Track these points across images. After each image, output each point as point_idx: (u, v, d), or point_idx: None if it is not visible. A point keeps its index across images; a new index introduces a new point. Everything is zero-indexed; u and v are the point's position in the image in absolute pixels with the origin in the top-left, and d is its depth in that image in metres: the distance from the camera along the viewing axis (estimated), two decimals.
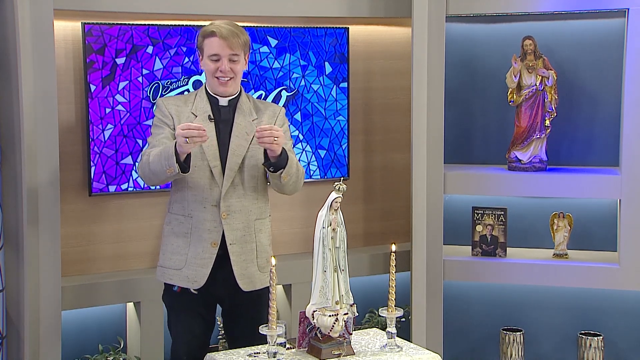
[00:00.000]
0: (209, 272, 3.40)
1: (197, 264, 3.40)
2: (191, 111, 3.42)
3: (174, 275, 3.44)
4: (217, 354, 3.20)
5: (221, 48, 3.34)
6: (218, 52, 3.35)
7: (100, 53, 4.09)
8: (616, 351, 4.55)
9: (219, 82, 3.40)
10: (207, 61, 3.39)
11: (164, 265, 3.48)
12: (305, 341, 3.15)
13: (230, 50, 3.35)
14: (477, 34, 4.69)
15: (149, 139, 3.46)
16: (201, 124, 3.28)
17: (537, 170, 4.48)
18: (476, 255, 4.56)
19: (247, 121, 3.44)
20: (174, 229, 3.44)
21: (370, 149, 4.87)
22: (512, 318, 4.67)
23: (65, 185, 4.04)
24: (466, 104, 4.75)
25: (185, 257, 3.41)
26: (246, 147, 3.42)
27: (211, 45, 3.36)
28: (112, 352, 4.15)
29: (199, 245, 3.40)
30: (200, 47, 3.41)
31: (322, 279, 3.07)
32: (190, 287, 3.42)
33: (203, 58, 3.41)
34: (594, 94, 4.56)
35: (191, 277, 3.41)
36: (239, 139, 3.41)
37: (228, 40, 3.34)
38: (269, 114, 3.52)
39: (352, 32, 4.69)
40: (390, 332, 3.20)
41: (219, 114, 3.43)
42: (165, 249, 3.48)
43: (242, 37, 3.39)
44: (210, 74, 3.40)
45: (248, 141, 3.42)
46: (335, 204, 3.06)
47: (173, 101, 3.47)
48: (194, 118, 3.38)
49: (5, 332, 3.70)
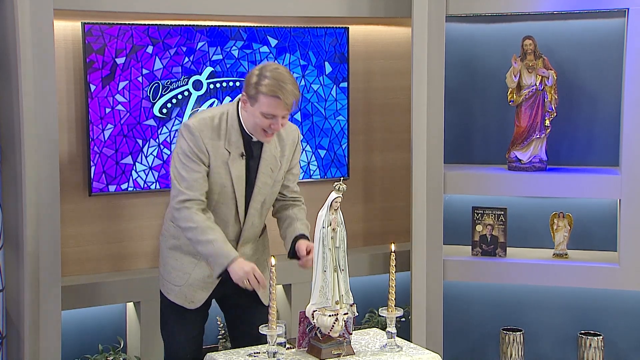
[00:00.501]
0: (207, 295, 3.41)
1: (199, 286, 3.39)
2: (225, 147, 3.29)
3: (171, 290, 3.43)
4: (217, 354, 3.20)
5: (279, 109, 3.20)
6: (276, 114, 3.21)
7: (100, 53, 4.09)
8: (616, 351, 4.55)
9: (265, 134, 3.28)
10: (257, 114, 3.21)
11: (164, 277, 3.47)
12: (305, 341, 3.15)
13: (287, 111, 3.24)
14: (477, 34, 4.68)
15: (182, 171, 3.26)
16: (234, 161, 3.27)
17: (537, 170, 4.48)
18: (476, 255, 4.56)
19: (272, 156, 3.38)
20: (183, 247, 3.39)
21: (370, 149, 4.87)
22: (512, 318, 4.66)
23: (65, 185, 4.04)
24: (466, 103, 4.75)
25: (188, 277, 3.39)
26: (270, 184, 3.40)
27: (270, 105, 3.19)
28: (112, 352, 4.15)
29: (205, 270, 3.37)
30: (252, 96, 3.21)
31: (322, 279, 3.07)
32: (185, 306, 3.40)
33: (252, 107, 3.22)
34: (594, 94, 4.56)
35: (189, 297, 3.40)
36: (265, 177, 3.37)
37: (287, 102, 3.20)
38: (290, 143, 3.44)
39: (352, 32, 4.69)
40: (390, 332, 3.20)
41: (250, 150, 3.34)
42: (167, 261, 3.45)
43: (297, 94, 3.23)
44: (259, 124, 3.24)
45: (272, 178, 3.39)
46: (335, 203, 3.06)
47: (208, 133, 3.27)
48: (227, 155, 3.29)
49: (5, 332, 3.70)
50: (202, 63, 4.33)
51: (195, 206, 3.24)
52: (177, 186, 3.26)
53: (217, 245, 3.21)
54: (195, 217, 3.23)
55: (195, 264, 3.38)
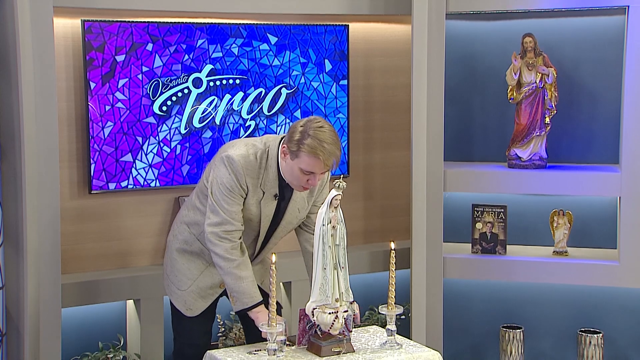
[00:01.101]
0: (207, 305, 3.44)
1: (200, 295, 3.43)
2: (260, 187, 3.30)
3: (173, 292, 3.47)
4: (217, 351, 3.20)
5: (319, 168, 3.20)
6: (315, 172, 3.21)
7: (100, 50, 4.09)
8: (616, 348, 4.55)
9: (302, 188, 3.29)
10: (296, 168, 3.21)
11: (169, 277, 3.50)
12: (305, 338, 3.15)
13: (325, 169, 3.24)
14: (477, 32, 4.68)
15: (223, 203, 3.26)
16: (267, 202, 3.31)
17: (537, 167, 4.48)
18: (476, 252, 4.56)
19: (302, 198, 3.41)
20: (192, 253, 3.43)
21: (370, 147, 4.86)
22: (512, 315, 4.67)
23: (65, 182, 4.04)
24: (466, 101, 4.75)
25: (191, 283, 3.43)
26: (295, 223, 3.44)
27: (309, 164, 3.18)
28: (112, 349, 4.15)
29: (209, 280, 3.42)
30: (294, 151, 3.20)
31: (322, 277, 3.07)
32: (184, 312, 3.44)
33: (292, 160, 3.21)
34: (594, 92, 4.56)
35: (188, 304, 3.43)
36: (291, 217, 3.41)
37: (328, 163, 3.19)
38: (319, 183, 3.42)
39: (352, 29, 4.69)
40: (390, 329, 3.20)
41: (282, 193, 3.36)
42: (174, 264, 3.47)
43: (337, 155, 3.22)
44: (297, 180, 3.24)
45: (298, 218, 3.43)
46: (335, 201, 3.07)
47: (250, 172, 3.28)
48: (261, 195, 3.31)
49: (6, 330, 3.71)
50: (202, 60, 4.32)
51: (237, 239, 3.28)
52: (221, 214, 3.26)
53: (246, 284, 3.26)
54: (236, 252, 3.28)
55: (202, 272, 3.42)
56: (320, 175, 3.25)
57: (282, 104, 4.53)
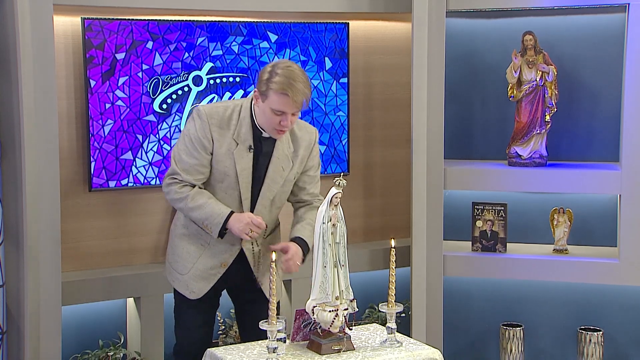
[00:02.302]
0: (210, 287, 3.45)
1: (201, 277, 3.43)
2: (233, 137, 3.33)
3: (176, 278, 3.49)
4: (217, 349, 3.21)
5: (289, 107, 3.23)
6: (285, 111, 3.24)
7: (100, 48, 4.09)
8: (616, 346, 4.55)
9: (276, 131, 3.31)
10: (268, 110, 3.25)
11: (171, 265, 3.52)
12: (299, 336, 3.16)
13: (297, 109, 3.26)
14: (478, 29, 4.68)
15: (182, 154, 3.33)
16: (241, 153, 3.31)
17: (537, 165, 4.48)
18: (476, 250, 4.57)
19: (285, 155, 3.40)
20: (190, 236, 3.45)
21: (371, 145, 4.86)
22: (512, 313, 4.67)
23: (65, 180, 4.04)
24: (466, 99, 4.75)
25: (192, 266, 3.44)
26: (280, 183, 3.42)
27: (279, 102, 3.22)
28: (112, 347, 4.15)
29: (209, 261, 3.43)
30: (263, 93, 3.26)
31: (322, 275, 3.07)
32: (187, 296, 3.45)
33: (263, 103, 3.26)
34: (594, 89, 4.56)
35: (190, 287, 3.45)
36: (275, 174, 3.40)
37: (297, 100, 3.22)
38: (305, 144, 3.45)
39: (352, 27, 4.69)
40: (390, 327, 3.20)
41: (259, 145, 3.36)
42: (175, 250, 3.50)
43: (307, 93, 3.26)
44: (270, 122, 3.27)
45: (283, 177, 3.42)
46: (335, 199, 3.07)
47: (217, 120, 3.33)
48: (234, 145, 3.32)
49: (6, 328, 3.71)
50: (202, 58, 4.32)
51: (186, 183, 3.34)
52: (174, 166, 3.36)
53: (209, 207, 3.31)
54: (185, 188, 3.34)
55: (200, 255, 3.43)
56: (293, 117, 3.27)
57: None
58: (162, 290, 4.21)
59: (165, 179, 3.40)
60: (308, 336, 3.16)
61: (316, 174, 3.55)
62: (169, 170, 3.38)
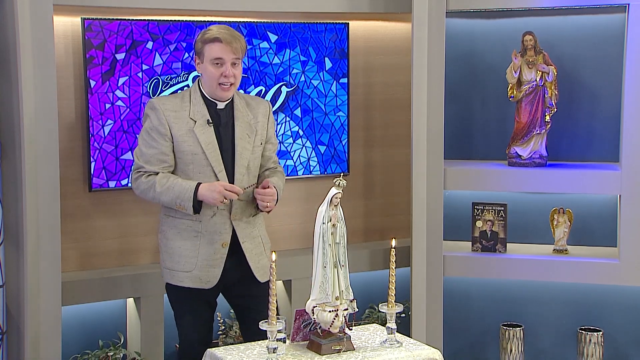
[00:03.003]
0: (220, 271, 3.47)
1: (208, 265, 3.46)
2: (189, 116, 3.42)
3: (184, 277, 3.48)
4: (217, 349, 3.21)
5: (225, 52, 3.37)
6: (222, 57, 3.37)
7: (100, 48, 4.09)
8: (616, 346, 4.55)
9: (222, 87, 3.41)
10: (208, 66, 3.40)
11: (172, 268, 3.50)
12: (299, 336, 3.15)
13: (233, 55, 3.39)
14: (478, 30, 4.68)
15: (142, 146, 3.43)
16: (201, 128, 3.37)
17: (537, 165, 4.48)
18: (476, 250, 4.57)
19: (246, 122, 3.50)
20: (181, 233, 3.47)
21: (370, 145, 4.86)
22: (512, 313, 4.67)
23: (65, 180, 4.04)
24: (466, 99, 4.75)
25: (196, 260, 3.46)
26: (250, 149, 3.49)
27: (213, 50, 3.38)
28: (112, 347, 4.15)
29: (209, 247, 3.45)
30: (199, 52, 3.42)
31: (322, 275, 3.07)
32: (202, 287, 3.47)
33: (203, 62, 3.42)
34: (594, 90, 4.56)
35: (203, 278, 3.46)
36: (243, 142, 3.47)
37: (231, 45, 3.36)
38: (262, 112, 3.58)
39: (352, 27, 4.69)
40: (390, 327, 3.20)
41: (217, 118, 3.46)
42: (172, 252, 3.49)
43: (241, 42, 3.43)
44: (213, 79, 3.40)
45: (251, 143, 3.49)
46: (335, 199, 3.07)
47: (170, 105, 3.44)
48: (193, 123, 3.40)
49: (6, 328, 3.71)
50: None
51: (150, 175, 3.42)
52: (136, 160, 3.45)
53: (177, 186, 3.36)
54: (149, 177, 3.40)
55: (198, 245, 3.45)
56: (234, 68, 3.38)
57: (282, 102, 4.53)
58: (162, 291, 4.18)
59: (131, 175, 3.48)
60: (308, 336, 3.16)
61: (276, 142, 3.69)
62: (133, 167, 3.48)
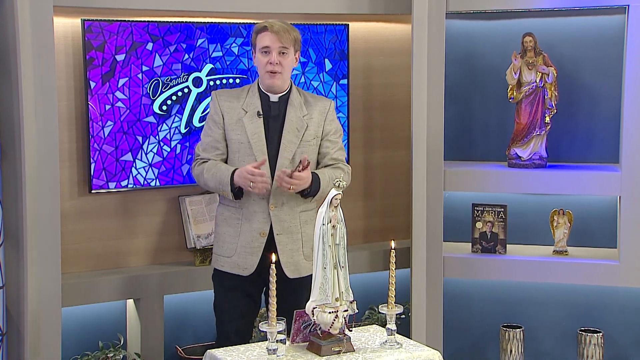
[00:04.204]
0: (258, 259, 3.58)
1: (246, 252, 3.58)
2: (242, 107, 3.59)
3: (225, 262, 3.63)
4: (217, 350, 3.20)
5: (271, 41, 3.54)
6: (268, 45, 3.52)
7: (100, 50, 4.09)
8: (616, 348, 4.55)
9: (269, 74, 3.54)
10: (258, 55, 3.58)
11: (217, 252, 3.68)
12: (299, 337, 3.15)
13: (280, 44, 3.53)
14: (477, 31, 4.68)
15: (202, 135, 3.69)
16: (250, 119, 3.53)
17: (537, 167, 4.48)
18: (476, 252, 4.57)
19: (297, 117, 3.61)
20: (226, 219, 3.64)
21: (370, 146, 4.86)
22: (512, 315, 4.67)
23: (65, 182, 4.04)
24: (466, 100, 4.75)
25: (235, 246, 3.60)
26: (297, 143, 3.58)
27: (262, 39, 3.56)
28: (112, 348, 4.15)
29: (248, 234, 3.58)
30: (253, 43, 3.62)
31: (322, 276, 3.07)
32: (240, 273, 3.59)
33: (255, 53, 3.60)
34: (594, 91, 4.56)
35: (241, 265, 3.59)
36: (290, 135, 3.58)
37: (279, 34, 3.52)
38: (319, 109, 3.67)
39: (352, 28, 4.69)
40: (390, 328, 3.20)
41: (269, 110, 3.59)
42: (218, 237, 3.68)
43: (292, 33, 3.57)
44: (262, 67, 3.57)
45: (299, 137, 3.59)
46: (335, 200, 3.07)
47: (226, 96, 3.65)
48: (244, 114, 3.57)
49: (6, 329, 3.71)
50: (202, 60, 4.33)
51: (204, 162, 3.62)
52: (196, 150, 3.69)
53: (219, 172, 3.54)
54: (203, 164, 3.62)
55: (239, 232, 3.60)
56: (281, 57, 3.53)
57: None
58: (162, 292, 4.21)
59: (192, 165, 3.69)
60: (308, 338, 3.16)
61: (337, 140, 3.73)
62: (194, 157, 3.69)
